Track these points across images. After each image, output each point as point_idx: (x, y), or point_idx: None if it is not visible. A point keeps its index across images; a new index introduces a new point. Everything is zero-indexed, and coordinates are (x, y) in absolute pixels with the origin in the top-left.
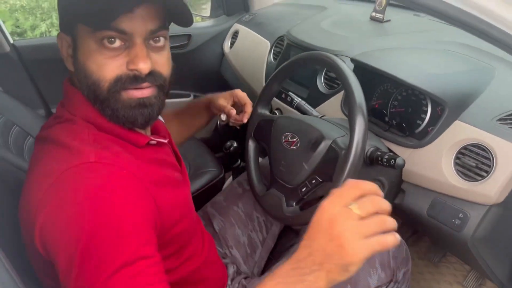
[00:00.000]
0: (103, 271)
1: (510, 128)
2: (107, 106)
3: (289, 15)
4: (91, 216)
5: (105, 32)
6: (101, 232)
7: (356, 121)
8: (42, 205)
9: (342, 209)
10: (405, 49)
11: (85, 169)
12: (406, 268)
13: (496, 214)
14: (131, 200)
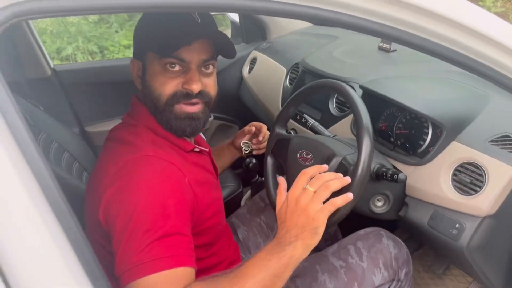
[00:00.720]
0: (148, 238)
1: (500, 149)
2: (163, 116)
3: (303, 44)
4: (144, 196)
5: (168, 59)
6: (150, 209)
7: (363, 141)
8: (109, 185)
9: (301, 190)
10: (408, 77)
11: (144, 160)
12: (407, 269)
13: (489, 225)
14: (176, 189)
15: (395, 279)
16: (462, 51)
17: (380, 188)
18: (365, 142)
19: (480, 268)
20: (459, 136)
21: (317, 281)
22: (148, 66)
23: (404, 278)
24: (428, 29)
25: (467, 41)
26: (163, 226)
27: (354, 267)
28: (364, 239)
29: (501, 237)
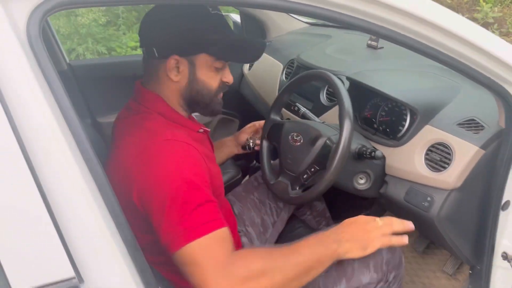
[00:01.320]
0: (187, 208)
1: (466, 131)
2: (209, 105)
3: (299, 42)
4: (173, 176)
5: (222, 62)
6: (182, 186)
7: (344, 122)
8: (137, 171)
9: (373, 220)
10: (391, 70)
11: (165, 144)
12: (397, 272)
13: (456, 197)
14: (198, 165)
15: (382, 280)
16: (437, 47)
17: (362, 167)
18: (346, 124)
19: (449, 237)
20: (432, 120)
21: None
22: (199, 64)
23: (392, 280)
24: (409, 28)
25: (441, 39)
26: (197, 197)
27: (345, 265)
28: None
29: (467, 208)
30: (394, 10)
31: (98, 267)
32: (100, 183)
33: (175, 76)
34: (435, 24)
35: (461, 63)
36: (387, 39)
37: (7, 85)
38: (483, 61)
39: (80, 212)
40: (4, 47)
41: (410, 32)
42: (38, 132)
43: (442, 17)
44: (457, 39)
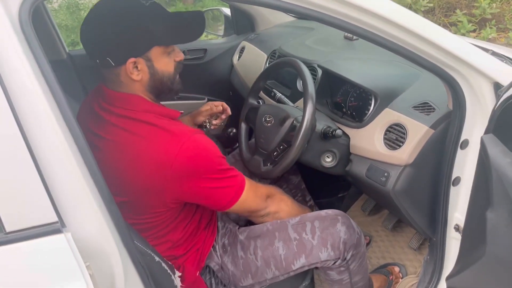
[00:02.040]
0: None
1: (419, 112)
2: (173, 88)
3: (284, 35)
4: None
5: (171, 47)
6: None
7: (307, 104)
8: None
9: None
10: (360, 59)
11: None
12: (355, 251)
13: (409, 172)
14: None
15: (340, 258)
16: (391, 38)
17: (328, 146)
18: (309, 106)
19: (405, 210)
20: (391, 104)
21: (272, 245)
22: (155, 57)
23: (350, 258)
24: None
25: (395, 32)
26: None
27: (305, 242)
28: (322, 220)
29: (420, 183)
30: (356, 8)
31: (78, 216)
32: (80, 146)
33: (137, 75)
34: (390, 20)
35: (412, 52)
36: (350, 32)
37: (3, 62)
38: (431, 51)
39: (63, 169)
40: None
41: (372, 28)
42: (28, 98)
43: (397, 15)
44: (408, 32)
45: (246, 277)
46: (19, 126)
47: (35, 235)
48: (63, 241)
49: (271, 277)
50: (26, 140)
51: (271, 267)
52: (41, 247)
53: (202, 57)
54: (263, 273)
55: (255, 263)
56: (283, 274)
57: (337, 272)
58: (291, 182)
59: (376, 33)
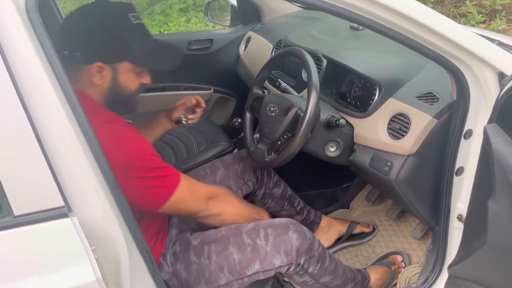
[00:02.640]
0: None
1: (423, 102)
2: (125, 104)
3: (290, 25)
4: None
5: (141, 68)
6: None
7: (311, 94)
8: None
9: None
10: (366, 49)
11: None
12: (308, 256)
13: (412, 162)
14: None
15: (293, 263)
16: (396, 28)
17: (332, 136)
18: (313, 95)
19: (408, 199)
20: (395, 93)
21: (227, 250)
22: (121, 70)
23: (305, 263)
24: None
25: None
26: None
27: (259, 248)
28: (275, 228)
29: (423, 173)
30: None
31: (84, 201)
32: (86, 133)
33: (98, 80)
34: (395, 9)
35: (417, 42)
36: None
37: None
38: (435, 41)
39: (70, 155)
40: (7, 18)
41: (374, 16)
42: (34, 85)
43: (402, 4)
44: (412, 22)
45: (200, 283)
46: (27, 113)
47: (42, 219)
48: (70, 225)
49: (225, 282)
50: (33, 127)
51: (225, 271)
52: (48, 231)
53: (208, 47)
54: (216, 278)
55: (209, 267)
56: (237, 279)
57: (298, 276)
58: (275, 196)
59: (381, 23)
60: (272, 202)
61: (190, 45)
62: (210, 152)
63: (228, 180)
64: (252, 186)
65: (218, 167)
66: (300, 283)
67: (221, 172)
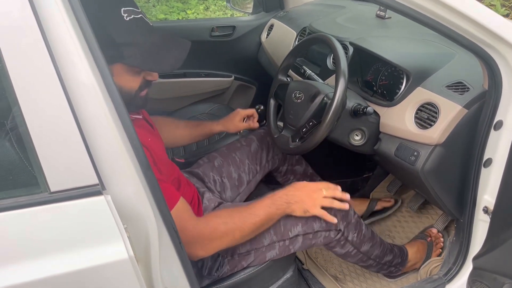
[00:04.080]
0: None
1: (453, 92)
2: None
3: (314, 12)
4: None
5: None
6: None
7: (339, 80)
8: None
9: (320, 190)
10: (393, 37)
11: None
12: (345, 222)
13: (439, 152)
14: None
15: (332, 229)
16: (427, 13)
17: (358, 124)
18: (341, 82)
19: (433, 190)
20: (424, 82)
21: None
22: (116, 72)
23: (344, 230)
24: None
25: (431, 7)
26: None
27: None
28: None
29: (450, 163)
30: None
31: (117, 180)
32: (121, 114)
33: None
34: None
35: (448, 28)
36: (385, 6)
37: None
38: (468, 27)
39: (105, 135)
40: None
41: (407, 2)
42: (73, 66)
43: None
44: (445, 7)
45: (245, 242)
46: (66, 94)
47: (77, 196)
48: (104, 203)
49: (268, 243)
50: (71, 107)
51: (270, 231)
52: (82, 208)
53: (231, 34)
54: (261, 238)
55: None
56: (279, 240)
57: (340, 247)
58: (298, 173)
59: (412, 7)
60: (294, 179)
61: (213, 32)
62: (230, 139)
63: (261, 152)
64: (278, 161)
65: (252, 139)
66: (343, 255)
67: (255, 144)
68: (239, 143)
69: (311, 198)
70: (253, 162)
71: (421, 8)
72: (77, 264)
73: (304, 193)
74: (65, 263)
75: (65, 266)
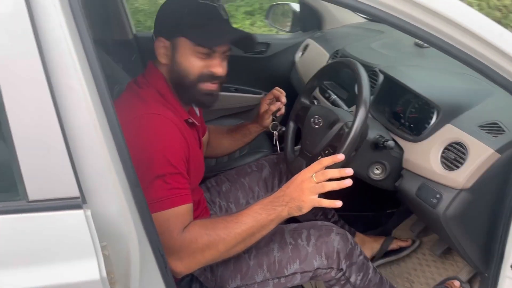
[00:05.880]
0: (157, 182)
1: (486, 133)
2: (188, 91)
3: (350, 35)
4: (153, 145)
5: (201, 49)
6: (157, 160)
7: (359, 110)
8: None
9: (309, 177)
10: (427, 68)
11: (151, 119)
12: (349, 262)
13: (465, 198)
14: (175, 138)
15: (334, 268)
16: (467, 50)
17: (379, 157)
18: (361, 111)
19: (456, 238)
20: (455, 120)
21: (268, 246)
22: (180, 47)
23: (347, 270)
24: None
25: (463, 39)
26: (167, 170)
27: (300, 248)
28: (317, 229)
29: (477, 211)
30: (429, 12)
31: (100, 195)
32: (113, 128)
33: (163, 58)
34: (463, 26)
35: (483, 64)
36: (419, 38)
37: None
38: (505, 64)
39: (92, 147)
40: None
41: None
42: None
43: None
44: (482, 42)
45: (235, 277)
46: (53, 99)
47: (56, 207)
48: (82, 217)
49: (260, 280)
50: (58, 113)
51: (263, 267)
52: (60, 220)
53: (264, 51)
54: (253, 274)
55: (247, 262)
56: (273, 278)
57: (340, 286)
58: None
59: (447, 40)
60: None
61: None
62: (252, 157)
63: (272, 179)
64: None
65: (264, 165)
66: None
67: (267, 170)
68: (250, 167)
69: (301, 190)
70: (263, 189)
71: (454, 40)
72: (45, 279)
73: (292, 189)
74: (32, 276)
75: (32, 280)
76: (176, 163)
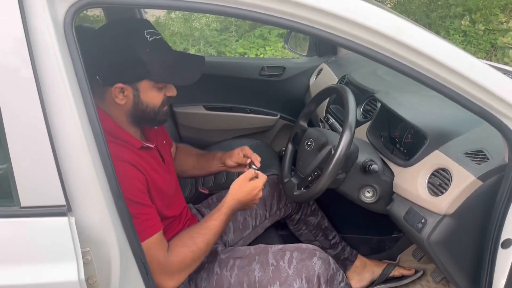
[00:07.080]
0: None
1: (470, 160)
2: (150, 121)
3: (361, 61)
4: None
5: (163, 84)
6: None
7: (344, 134)
8: None
9: (258, 187)
10: (422, 95)
11: None
12: (330, 287)
13: (448, 223)
14: (130, 178)
15: None
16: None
17: (369, 180)
18: (346, 134)
19: (442, 263)
20: (442, 146)
21: (250, 266)
22: (143, 89)
23: None
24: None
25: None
26: (134, 209)
27: (281, 270)
28: (300, 252)
29: (462, 238)
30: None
31: (84, 204)
32: (98, 141)
33: (121, 100)
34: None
35: (457, 93)
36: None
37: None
38: (475, 92)
39: (78, 159)
40: (45, 31)
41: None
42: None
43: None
44: (451, 71)
45: None
46: (44, 113)
47: (44, 213)
48: (66, 224)
49: None
50: (48, 127)
51: (244, 286)
52: (47, 226)
53: (280, 74)
54: None
55: (229, 280)
56: None
57: None
58: (310, 224)
59: (420, 71)
60: (306, 230)
61: (262, 71)
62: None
63: (271, 199)
64: (291, 209)
65: (264, 185)
66: None
67: (266, 190)
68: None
69: (251, 196)
70: (261, 207)
71: (425, 70)
72: (30, 278)
73: (243, 194)
74: (19, 274)
75: (18, 278)
76: (140, 199)
